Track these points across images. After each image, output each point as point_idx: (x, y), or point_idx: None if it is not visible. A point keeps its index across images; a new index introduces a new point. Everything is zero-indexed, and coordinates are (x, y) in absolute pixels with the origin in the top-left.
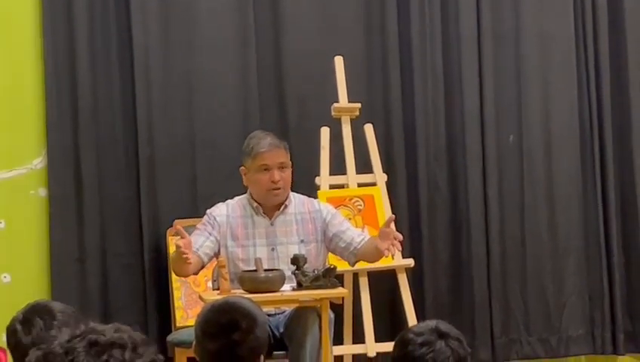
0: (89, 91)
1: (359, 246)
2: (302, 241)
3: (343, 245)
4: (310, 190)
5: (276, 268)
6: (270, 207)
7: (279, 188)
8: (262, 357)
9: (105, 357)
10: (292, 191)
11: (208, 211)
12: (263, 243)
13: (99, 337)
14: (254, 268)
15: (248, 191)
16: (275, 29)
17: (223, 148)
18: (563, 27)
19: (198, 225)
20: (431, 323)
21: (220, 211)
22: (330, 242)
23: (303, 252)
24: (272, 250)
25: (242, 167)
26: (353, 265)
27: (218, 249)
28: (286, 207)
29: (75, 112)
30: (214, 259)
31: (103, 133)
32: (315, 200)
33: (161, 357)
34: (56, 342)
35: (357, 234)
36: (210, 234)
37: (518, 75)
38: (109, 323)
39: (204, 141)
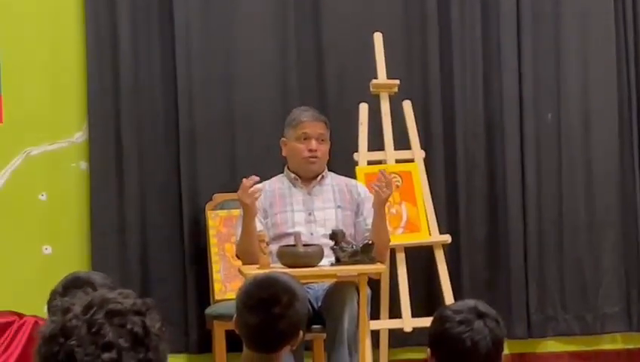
0: (130, 65)
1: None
2: (339, 207)
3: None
4: (348, 166)
5: (312, 232)
6: (307, 179)
7: (316, 158)
8: (301, 333)
9: (129, 326)
10: (331, 167)
11: None
12: (300, 208)
13: (115, 306)
14: (293, 242)
15: (286, 166)
16: (314, 5)
17: (262, 124)
18: (602, 4)
19: (241, 212)
20: (470, 302)
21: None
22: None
23: (340, 217)
24: (309, 214)
25: (283, 139)
26: None
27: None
28: (323, 178)
29: (116, 87)
30: None
31: (143, 107)
32: (352, 179)
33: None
34: (70, 314)
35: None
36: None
37: (556, 53)
38: (149, 296)
39: (243, 116)
